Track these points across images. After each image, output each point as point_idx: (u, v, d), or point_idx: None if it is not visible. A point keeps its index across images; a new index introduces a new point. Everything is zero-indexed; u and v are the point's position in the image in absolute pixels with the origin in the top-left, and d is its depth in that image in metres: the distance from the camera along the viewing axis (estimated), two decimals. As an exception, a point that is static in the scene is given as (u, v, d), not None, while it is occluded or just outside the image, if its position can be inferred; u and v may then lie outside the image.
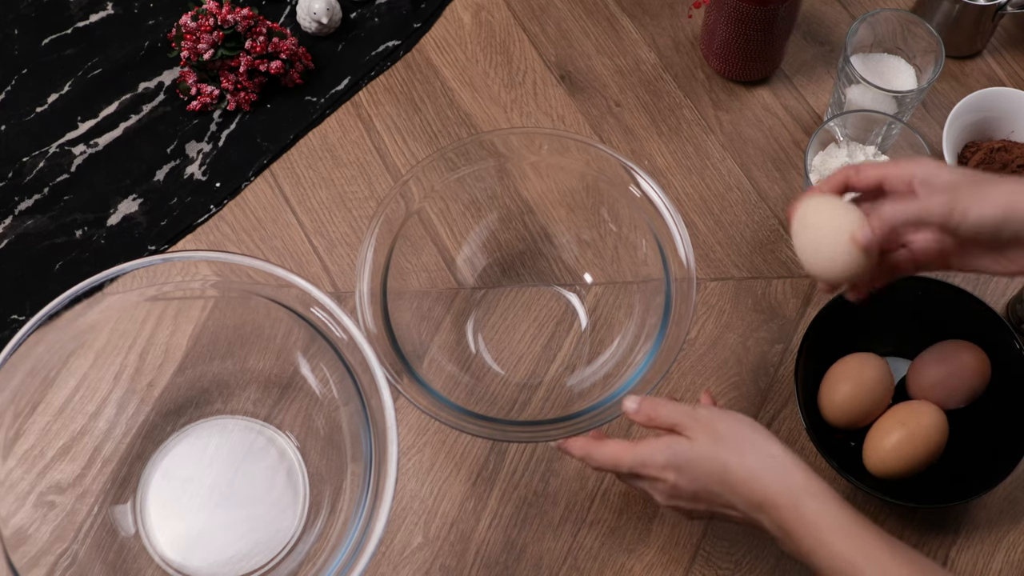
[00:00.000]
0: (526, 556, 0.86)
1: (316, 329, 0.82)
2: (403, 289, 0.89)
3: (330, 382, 0.85)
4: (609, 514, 0.87)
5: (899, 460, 0.83)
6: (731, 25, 0.97)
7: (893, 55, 0.99)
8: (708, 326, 0.94)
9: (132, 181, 0.99)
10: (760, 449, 0.69)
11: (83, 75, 1.03)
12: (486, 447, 0.89)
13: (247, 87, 1.01)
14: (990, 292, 0.95)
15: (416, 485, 0.88)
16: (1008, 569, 0.86)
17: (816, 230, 0.72)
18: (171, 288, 0.85)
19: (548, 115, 1.02)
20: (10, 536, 0.79)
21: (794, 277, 0.96)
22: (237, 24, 0.98)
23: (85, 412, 0.86)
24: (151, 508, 0.85)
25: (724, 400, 0.91)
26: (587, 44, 1.05)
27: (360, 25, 1.06)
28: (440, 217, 0.94)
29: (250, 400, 0.89)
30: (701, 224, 0.98)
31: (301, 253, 0.96)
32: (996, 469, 0.83)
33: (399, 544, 0.86)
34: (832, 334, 0.88)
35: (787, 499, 0.67)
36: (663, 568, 0.86)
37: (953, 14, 1.00)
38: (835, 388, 0.86)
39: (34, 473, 0.84)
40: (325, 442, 0.86)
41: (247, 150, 1.00)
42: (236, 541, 0.84)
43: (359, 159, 1.00)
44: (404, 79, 1.03)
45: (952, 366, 0.87)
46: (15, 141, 1.00)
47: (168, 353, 0.89)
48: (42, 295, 0.92)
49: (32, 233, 0.97)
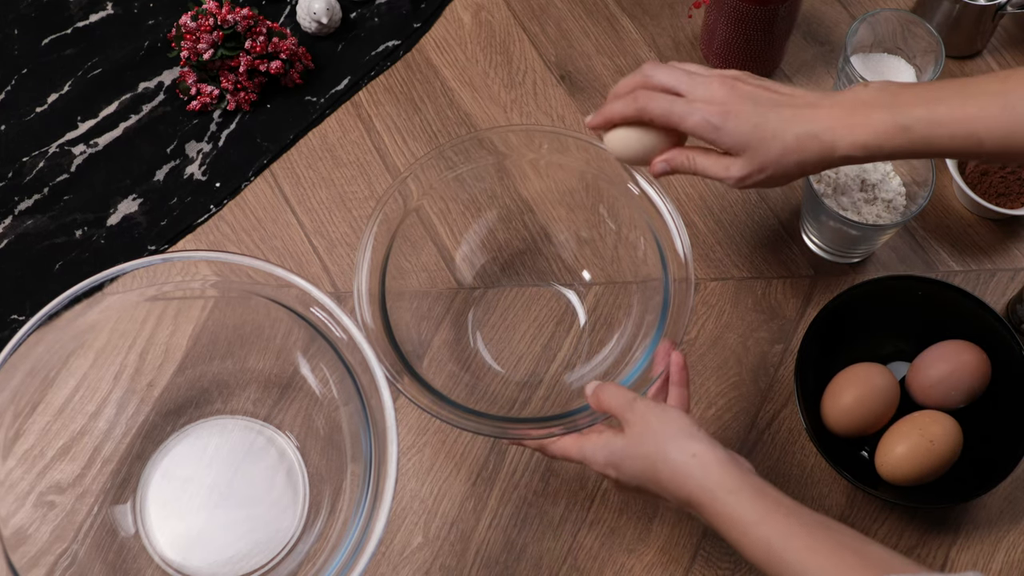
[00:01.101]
0: (526, 556, 0.86)
1: (316, 329, 0.82)
2: (403, 289, 0.89)
3: (330, 382, 0.85)
4: (609, 514, 0.87)
5: (914, 467, 0.83)
6: (731, 25, 0.97)
7: (893, 55, 0.99)
8: (708, 326, 0.94)
9: (132, 181, 0.99)
10: (683, 449, 0.71)
11: (83, 75, 1.03)
12: (486, 447, 0.89)
13: (247, 87, 1.01)
14: (990, 292, 0.95)
15: (416, 485, 0.88)
16: (1008, 569, 0.86)
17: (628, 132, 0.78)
18: (171, 288, 0.85)
19: (548, 115, 1.02)
20: (10, 536, 0.79)
21: (794, 277, 0.96)
22: (237, 24, 0.98)
23: (85, 412, 0.86)
24: (151, 508, 0.85)
25: (724, 400, 0.91)
26: (587, 44, 1.05)
27: (360, 25, 1.06)
28: (440, 216, 0.94)
29: (250, 400, 0.89)
30: (701, 224, 0.98)
31: (301, 253, 0.96)
32: (996, 469, 0.83)
33: (399, 544, 0.86)
34: (832, 334, 0.88)
35: (707, 497, 0.69)
36: (663, 568, 0.86)
37: (953, 14, 1.00)
38: (840, 395, 0.86)
39: (34, 473, 0.84)
40: (325, 442, 0.86)
41: (247, 150, 1.00)
42: (236, 541, 0.84)
43: (359, 159, 1.00)
44: (404, 79, 1.03)
45: (952, 366, 0.86)
46: (15, 141, 1.00)
47: (168, 353, 0.89)
48: (42, 295, 0.92)
49: (32, 233, 0.97)
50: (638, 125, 0.77)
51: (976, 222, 0.98)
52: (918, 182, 0.90)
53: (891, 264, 0.96)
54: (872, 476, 0.86)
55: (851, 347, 0.90)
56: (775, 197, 0.99)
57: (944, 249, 0.97)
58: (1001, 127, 0.70)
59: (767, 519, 0.68)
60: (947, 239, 0.97)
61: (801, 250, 0.97)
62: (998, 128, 0.71)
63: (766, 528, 0.67)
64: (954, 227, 0.98)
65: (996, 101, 0.71)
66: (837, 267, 0.96)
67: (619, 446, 0.73)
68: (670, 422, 0.72)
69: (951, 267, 0.96)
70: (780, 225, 0.98)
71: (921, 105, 0.72)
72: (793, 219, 0.98)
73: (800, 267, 0.96)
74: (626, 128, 0.78)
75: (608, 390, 0.76)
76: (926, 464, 0.83)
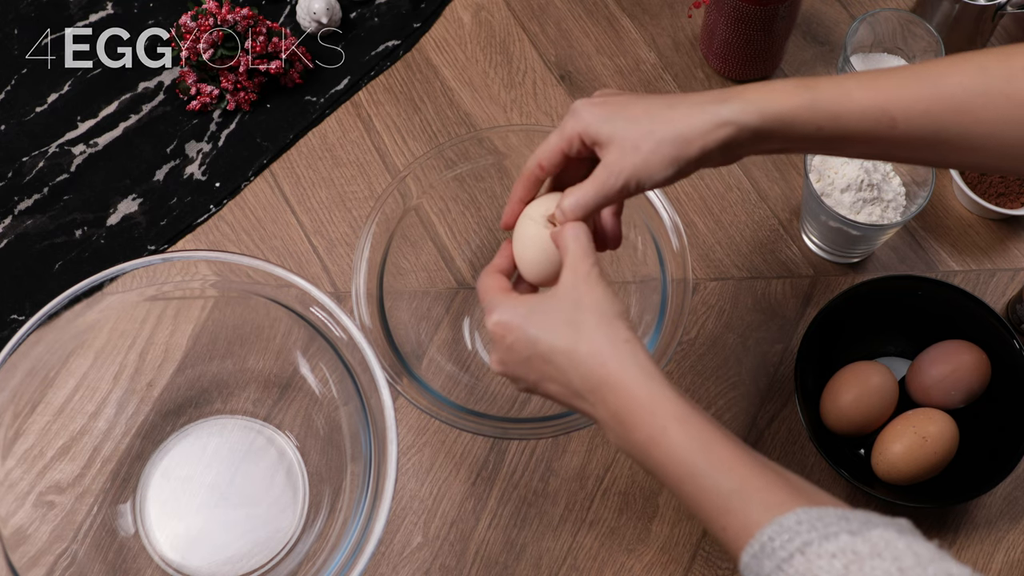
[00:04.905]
0: (526, 556, 0.86)
1: (316, 329, 0.82)
2: (402, 288, 0.89)
3: (330, 382, 0.85)
4: (609, 514, 0.87)
5: (909, 466, 0.83)
6: (731, 25, 0.97)
7: (893, 55, 0.99)
8: (708, 326, 0.94)
9: (132, 181, 0.99)
10: (618, 329, 0.63)
11: (83, 75, 1.03)
12: (486, 447, 0.89)
13: (247, 87, 1.01)
14: (990, 292, 0.95)
15: (416, 485, 0.88)
16: (1008, 569, 0.86)
17: (520, 242, 0.70)
18: (171, 288, 0.85)
19: (548, 115, 1.02)
20: (10, 536, 0.79)
21: (794, 277, 0.96)
22: (237, 24, 0.98)
23: (85, 412, 0.86)
24: (151, 508, 0.85)
25: (724, 400, 0.91)
26: (587, 44, 1.05)
27: (360, 25, 1.06)
28: (439, 216, 0.94)
29: (249, 400, 0.89)
30: (701, 224, 0.98)
31: (301, 253, 0.96)
32: (996, 469, 0.83)
33: (399, 544, 0.86)
34: (832, 334, 0.88)
35: (629, 382, 0.61)
36: (663, 568, 0.86)
37: (953, 14, 1.00)
38: (839, 394, 0.86)
39: (34, 473, 0.84)
40: (325, 442, 0.86)
41: (247, 150, 1.00)
42: (235, 541, 0.84)
43: (359, 159, 1.00)
44: (404, 79, 1.03)
45: (952, 366, 0.86)
46: (15, 141, 1.00)
47: (168, 353, 0.89)
48: (42, 295, 0.92)
49: (32, 233, 0.97)
50: None
51: (976, 222, 0.98)
52: (918, 182, 0.90)
53: (891, 264, 0.96)
54: (872, 476, 0.86)
55: (851, 347, 0.90)
56: (775, 197, 0.99)
57: (944, 249, 0.97)
58: (918, 105, 0.63)
59: (690, 420, 0.59)
60: (947, 239, 0.97)
61: (801, 250, 0.97)
62: (915, 106, 0.63)
63: (689, 428, 0.59)
64: (954, 227, 0.98)
65: (915, 79, 0.64)
66: (837, 267, 0.96)
67: (538, 301, 0.65)
68: (614, 301, 0.64)
69: (951, 267, 0.96)
70: (780, 225, 0.98)
71: (831, 81, 0.65)
72: (793, 219, 0.98)
73: (800, 267, 0.96)
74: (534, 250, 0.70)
75: (581, 237, 0.66)
76: (922, 462, 0.83)
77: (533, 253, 0.69)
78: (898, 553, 0.52)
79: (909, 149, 0.65)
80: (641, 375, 0.61)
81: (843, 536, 0.53)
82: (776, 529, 0.54)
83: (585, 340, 0.63)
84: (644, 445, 0.61)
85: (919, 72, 0.64)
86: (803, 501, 0.56)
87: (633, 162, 0.64)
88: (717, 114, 0.64)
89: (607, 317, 0.63)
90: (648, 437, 0.60)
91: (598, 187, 0.65)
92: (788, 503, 0.56)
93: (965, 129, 0.63)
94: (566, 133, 0.67)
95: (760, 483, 0.57)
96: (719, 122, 0.64)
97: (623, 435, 0.62)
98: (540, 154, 0.69)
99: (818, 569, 0.52)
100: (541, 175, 0.70)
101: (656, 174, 0.65)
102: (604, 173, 0.65)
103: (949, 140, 0.64)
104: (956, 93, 0.63)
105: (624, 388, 0.61)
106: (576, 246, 0.65)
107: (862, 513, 0.55)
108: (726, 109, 0.64)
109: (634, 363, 0.61)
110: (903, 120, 0.63)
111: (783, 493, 0.57)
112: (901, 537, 0.53)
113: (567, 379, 0.63)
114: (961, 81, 0.63)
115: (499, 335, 0.66)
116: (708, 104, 0.64)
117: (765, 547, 0.54)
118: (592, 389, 0.62)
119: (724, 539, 0.58)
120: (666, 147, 0.64)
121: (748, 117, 0.63)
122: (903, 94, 0.63)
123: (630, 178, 0.65)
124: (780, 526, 0.54)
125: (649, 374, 0.61)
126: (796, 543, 0.53)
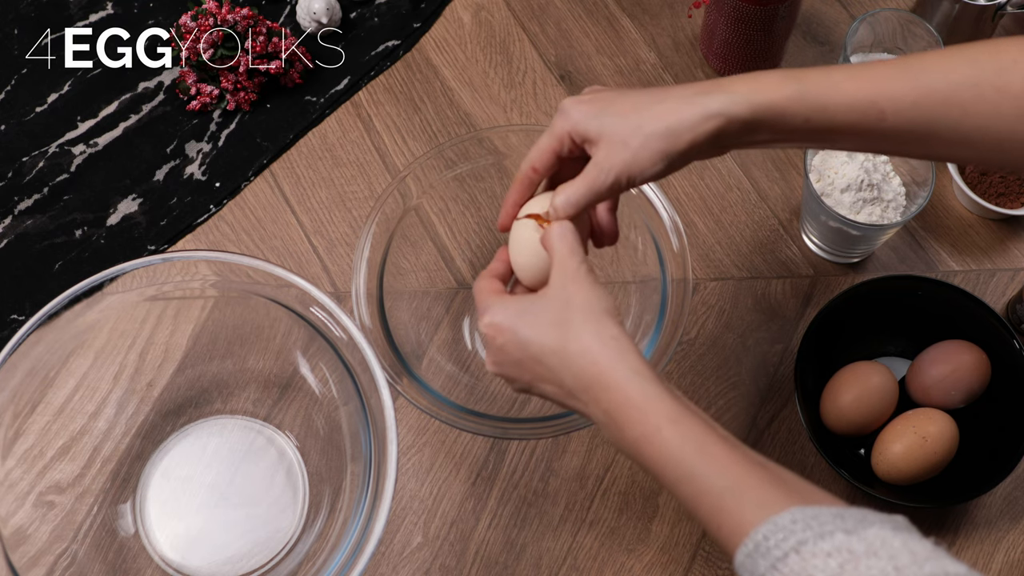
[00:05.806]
0: (526, 556, 0.86)
1: (316, 329, 0.82)
2: (402, 288, 0.89)
3: (330, 382, 0.85)
4: (609, 514, 0.87)
5: (909, 466, 0.83)
6: (731, 25, 0.97)
7: (893, 55, 0.99)
8: (708, 326, 0.94)
9: (132, 181, 0.99)
10: (606, 327, 0.62)
11: (83, 75, 1.03)
12: (486, 447, 0.89)
13: (247, 87, 1.01)
14: (990, 292, 0.95)
15: (416, 485, 0.88)
16: (1008, 569, 0.86)
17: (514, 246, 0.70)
18: (171, 288, 0.85)
19: (548, 115, 1.02)
20: (10, 536, 0.79)
21: (794, 277, 0.96)
22: (237, 24, 0.98)
23: (85, 412, 0.86)
24: (151, 508, 0.85)
25: (723, 400, 0.91)
26: (587, 44, 1.05)
27: (360, 25, 1.06)
28: (439, 216, 0.94)
29: (249, 400, 0.89)
30: (701, 224, 0.98)
31: (301, 253, 0.96)
32: (996, 469, 0.83)
33: (399, 544, 0.86)
34: (832, 334, 0.88)
35: (620, 380, 0.61)
36: (663, 568, 0.86)
37: (953, 14, 1.00)
38: (839, 394, 0.86)
39: (34, 473, 0.84)
40: (325, 442, 0.86)
41: (247, 150, 1.00)
42: (235, 541, 0.85)
43: (359, 159, 1.00)
44: (404, 79, 1.03)
45: (952, 366, 0.87)
46: (15, 141, 1.00)
47: (168, 353, 0.89)
48: (42, 295, 0.92)
49: (32, 233, 0.97)
50: None
51: (976, 222, 0.98)
52: (918, 182, 0.90)
53: (891, 264, 0.96)
54: (872, 476, 0.86)
55: (850, 347, 0.90)
56: (775, 197, 0.99)
57: (944, 249, 0.97)
58: (907, 97, 0.62)
59: (683, 420, 0.59)
60: (947, 239, 0.97)
61: (801, 250, 0.97)
62: (904, 98, 0.62)
63: (682, 428, 0.59)
64: (954, 227, 0.98)
65: (904, 71, 0.63)
66: (837, 267, 0.96)
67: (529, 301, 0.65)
68: (603, 298, 0.64)
69: (951, 267, 0.96)
70: (780, 225, 0.98)
71: (820, 72, 0.64)
72: (793, 219, 0.98)
73: (800, 267, 0.96)
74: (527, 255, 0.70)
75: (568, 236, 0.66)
76: (921, 462, 0.83)
77: (526, 257, 0.70)
78: (894, 551, 0.52)
79: (899, 141, 0.65)
80: (630, 372, 0.61)
81: (838, 535, 0.52)
82: (771, 528, 0.54)
83: (574, 339, 0.63)
84: (637, 443, 0.60)
85: (909, 64, 0.64)
86: (798, 499, 0.56)
87: (623, 158, 0.64)
88: (706, 106, 0.63)
89: (595, 314, 0.63)
90: (641, 435, 0.60)
91: (589, 184, 0.65)
92: (783, 502, 0.55)
93: (955, 122, 0.63)
94: (556, 133, 0.67)
95: (754, 481, 0.57)
96: (708, 114, 0.63)
97: (616, 433, 0.62)
98: (532, 156, 0.69)
99: (813, 568, 0.52)
100: (535, 177, 0.70)
101: (646, 169, 0.64)
102: (594, 170, 0.65)
103: (939, 133, 0.64)
104: (946, 86, 0.63)
105: (615, 386, 0.61)
106: (562, 245, 0.65)
107: (858, 511, 0.55)
108: (714, 101, 0.63)
109: (622, 360, 0.61)
110: (892, 112, 0.63)
111: (778, 492, 0.56)
112: (897, 535, 0.53)
113: (560, 379, 0.63)
114: (951, 74, 0.63)
115: (491, 336, 0.66)
116: (696, 96, 0.64)
117: (760, 546, 0.54)
118: (585, 388, 0.62)
119: (719, 538, 0.58)
120: (655, 141, 0.64)
121: (737, 108, 0.63)
122: (892, 86, 0.63)
123: (620, 174, 0.65)
124: (775, 525, 0.54)
125: (638, 371, 0.61)
126: (791, 542, 0.53)
